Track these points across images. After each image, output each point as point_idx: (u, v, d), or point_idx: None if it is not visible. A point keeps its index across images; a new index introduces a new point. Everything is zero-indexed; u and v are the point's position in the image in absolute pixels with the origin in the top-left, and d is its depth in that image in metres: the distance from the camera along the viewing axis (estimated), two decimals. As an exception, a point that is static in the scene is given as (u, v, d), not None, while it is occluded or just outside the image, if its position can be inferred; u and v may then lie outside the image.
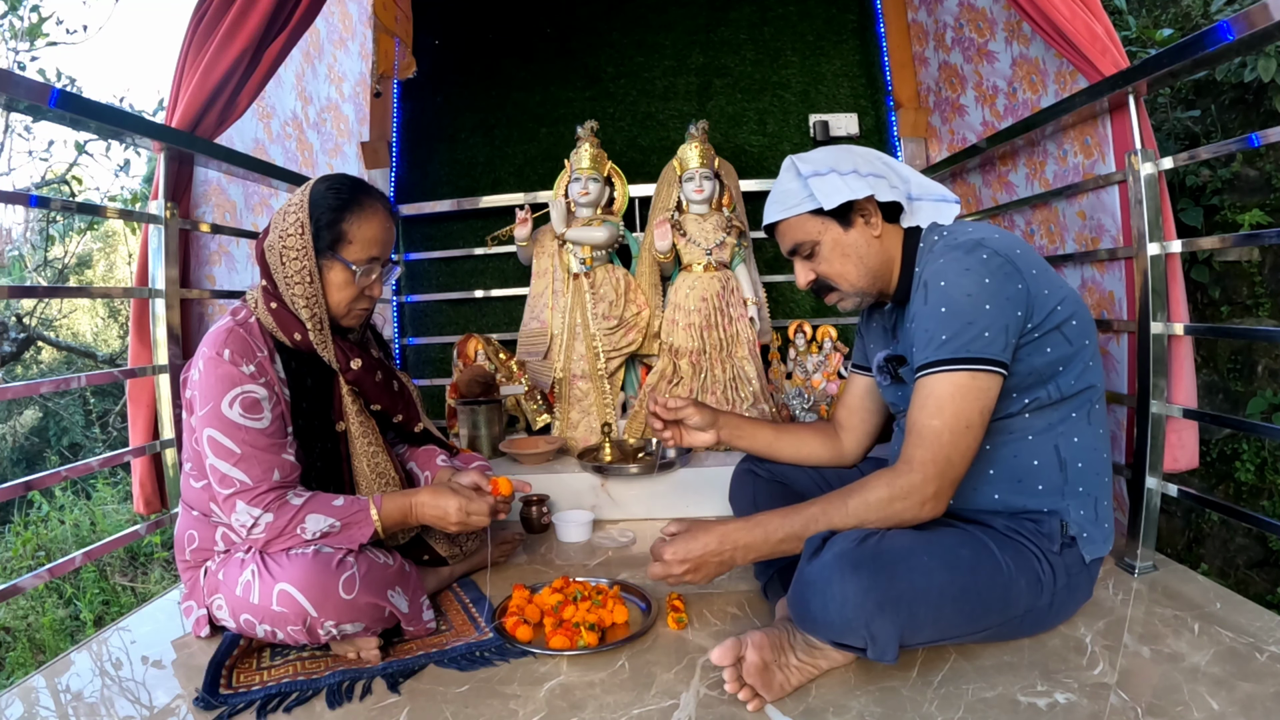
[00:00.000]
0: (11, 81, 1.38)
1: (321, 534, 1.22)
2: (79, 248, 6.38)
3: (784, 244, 1.32)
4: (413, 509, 1.29)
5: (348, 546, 1.23)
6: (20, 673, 3.10)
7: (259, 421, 1.22)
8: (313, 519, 1.21)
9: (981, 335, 1.10)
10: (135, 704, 1.16)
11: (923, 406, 1.12)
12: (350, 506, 1.25)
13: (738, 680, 1.07)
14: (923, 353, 1.14)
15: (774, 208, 1.30)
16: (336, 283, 1.31)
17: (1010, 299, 1.12)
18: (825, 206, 1.23)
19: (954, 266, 1.14)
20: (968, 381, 1.10)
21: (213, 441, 1.21)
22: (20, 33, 4.49)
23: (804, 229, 1.27)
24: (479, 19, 3.00)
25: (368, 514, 1.25)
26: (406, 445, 1.61)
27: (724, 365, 2.35)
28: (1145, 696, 1.04)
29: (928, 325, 1.14)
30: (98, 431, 5.68)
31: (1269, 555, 2.65)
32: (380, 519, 1.25)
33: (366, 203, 1.31)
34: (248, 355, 1.25)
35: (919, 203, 1.28)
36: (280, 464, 1.24)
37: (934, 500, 1.11)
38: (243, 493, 1.20)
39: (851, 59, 2.85)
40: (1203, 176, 2.80)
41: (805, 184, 1.25)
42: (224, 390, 1.21)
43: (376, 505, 1.26)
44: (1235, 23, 1.19)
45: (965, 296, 1.11)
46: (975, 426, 1.11)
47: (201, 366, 1.23)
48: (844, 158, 1.27)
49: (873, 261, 1.27)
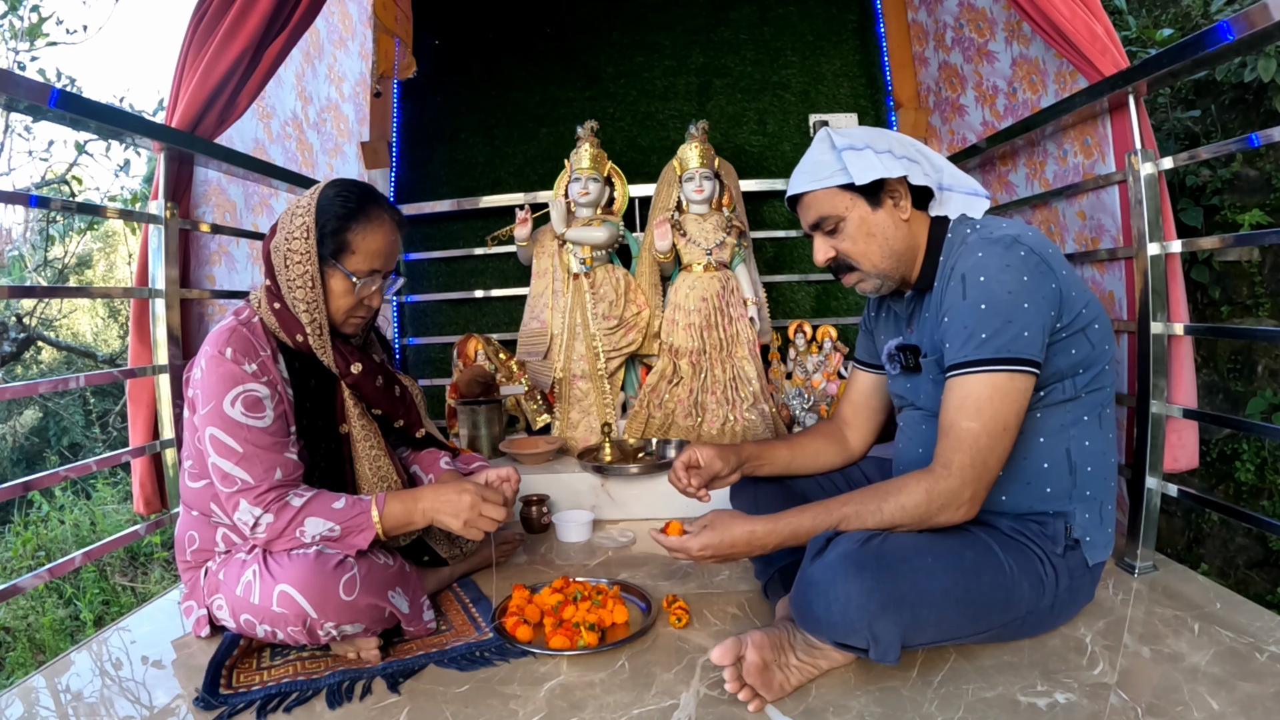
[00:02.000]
0: (11, 81, 1.38)
1: (321, 537, 1.21)
2: (79, 248, 6.38)
3: (807, 217, 1.28)
4: (418, 510, 1.26)
5: (347, 553, 1.23)
6: (20, 673, 3.10)
7: (261, 420, 1.22)
8: (312, 522, 1.21)
9: (1021, 335, 1.09)
10: (135, 704, 1.16)
11: (960, 408, 1.11)
12: (351, 509, 1.23)
13: (737, 680, 1.06)
14: (960, 350, 1.12)
15: (802, 178, 1.26)
16: (337, 290, 1.30)
17: (1046, 298, 1.11)
18: (857, 181, 1.20)
19: (994, 262, 1.12)
20: (1005, 383, 1.09)
21: (215, 440, 1.21)
22: (20, 33, 4.49)
23: (831, 202, 1.24)
24: (479, 19, 3.00)
25: (369, 517, 1.23)
26: (409, 449, 1.61)
27: (724, 365, 2.35)
28: (1145, 696, 1.04)
29: (966, 321, 1.12)
30: (98, 431, 5.68)
31: (1269, 555, 2.65)
32: (381, 522, 1.23)
33: (374, 213, 1.30)
34: (250, 354, 1.24)
35: (949, 193, 1.27)
36: (283, 463, 1.23)
37: (970, 504, 1.11)
38: (244, 491, 1.20)
39: (851, 59, 2.85)
40: (1203, 176, 2.80)
41: (839, 156, 1.22)
42: (226, 389, 1.21)
43: (379, 506, 1.24)
44: (1235, 23, 1.19)
45: (1006, 294, 1.10)
46: (1012, 429, 1.10)
47: (204, 365, 1.23)
48: (880, 137, 1.25)
49: (897, 244, 1.24)
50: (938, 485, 1.10)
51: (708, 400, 2.35)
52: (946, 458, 1.11)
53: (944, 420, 1.13)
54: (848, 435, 1.50)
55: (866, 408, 1.49)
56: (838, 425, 1.51)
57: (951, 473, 1.10)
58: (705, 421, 2.33)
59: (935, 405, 1.20)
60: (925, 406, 1.29)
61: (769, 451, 1.43)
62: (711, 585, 1.54)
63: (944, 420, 1.13)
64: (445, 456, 1.57)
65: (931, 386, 1.25)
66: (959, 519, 1.11)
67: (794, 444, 1.47)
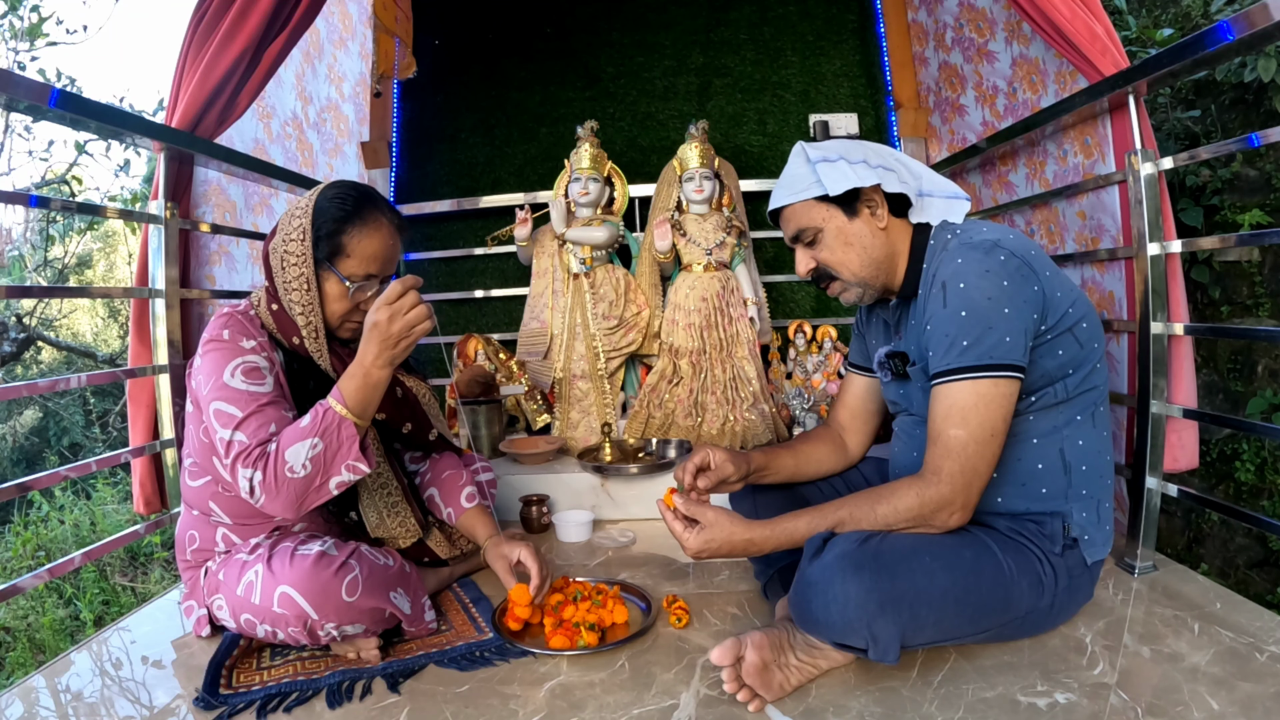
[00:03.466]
0: (11, 81, 1.37)
1: (310, 461, 1.14)
2: (79, 248, 6.38)
3: (787, 230, 1.30)
4: (362, 373, 1.16)
5: (350, 462, 1.16)
6: (20, 673, 3.10)
7: (261, 385, 1.21)
8: (292, 452, 1.13)
9: (1003, 341, 1.10)
10: (135, 704, 1.16)
11: (946, 416, 1.11)
12: (316, 417, 1.16)
13: (735, 680, 1.06)
14: (943, 358, 1.13)
15: (780, 192, 1.29)
16: (332, 294, 1.29)
17: (1028, 301, 1.11)
18: (830, 192, 1.22)
19: (973, 268, 1.13)
20: (990, 389, 1.10)
21: (219, 413, 1.17)
22: (20, 33, 4.49)
23: (808, 215, 1.26)
24: (479, 19, 3.00)
25: (334, 413, 1.15)
26: (423, 455, 1.59)
27: (724, 365, 2.35)
28: (1145, 696, 1.04)
29: (947, 329, 1.13)
30: (98, 431, 5.68)
31: (1269, 555, 2.65)
32: (346, 406, 1.16)
33: (370, 216, 1.28)
34: (249, 335, 1.25)
35: (929, 199, 1.28)
36: (279, 419, 1.19)
37: (962, 510, 1.11)
38: (241, 455, 1.14)
39: (851, 59, 2.85)
40: (1203, 176, 2.80)
41: (813, 169, 1.24)
42: (225, 362, 1.21)
43: (336, 398, 1.16)
44: (1235, 23, 1.19)
45: (986, 300, 1.10)
46: (999, 434, 1.11)
47: (202, 351, 1.24)
48: (855, 148, 1.27)
49: (876, 253, 1.26)
50: (928, 491, 1.11)
51: (708, 400, 2.35)
52: (936, 465, 1.11)
53: (932, 428, 1.14)
54: (846, 439, 1.51)
55: (862, 411, 1.50)
56: (835, 430, 1.52)
57: (941, 479, 1.10)
58: (705, 421, 2.33)
59: (926, 411, 1.21)
60: (918, 412, 1.30)
61: (775, 461, 1.43)
62: (711, 585, 1.54)
63: (932, 428, 1.14)
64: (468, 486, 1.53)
65: (921, 394, 1.25)
66: (953, 524, 1.12)
67: (798, 451, 1.47)
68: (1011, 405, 1.12)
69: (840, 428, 1.51)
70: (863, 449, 1.52)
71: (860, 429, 1.50)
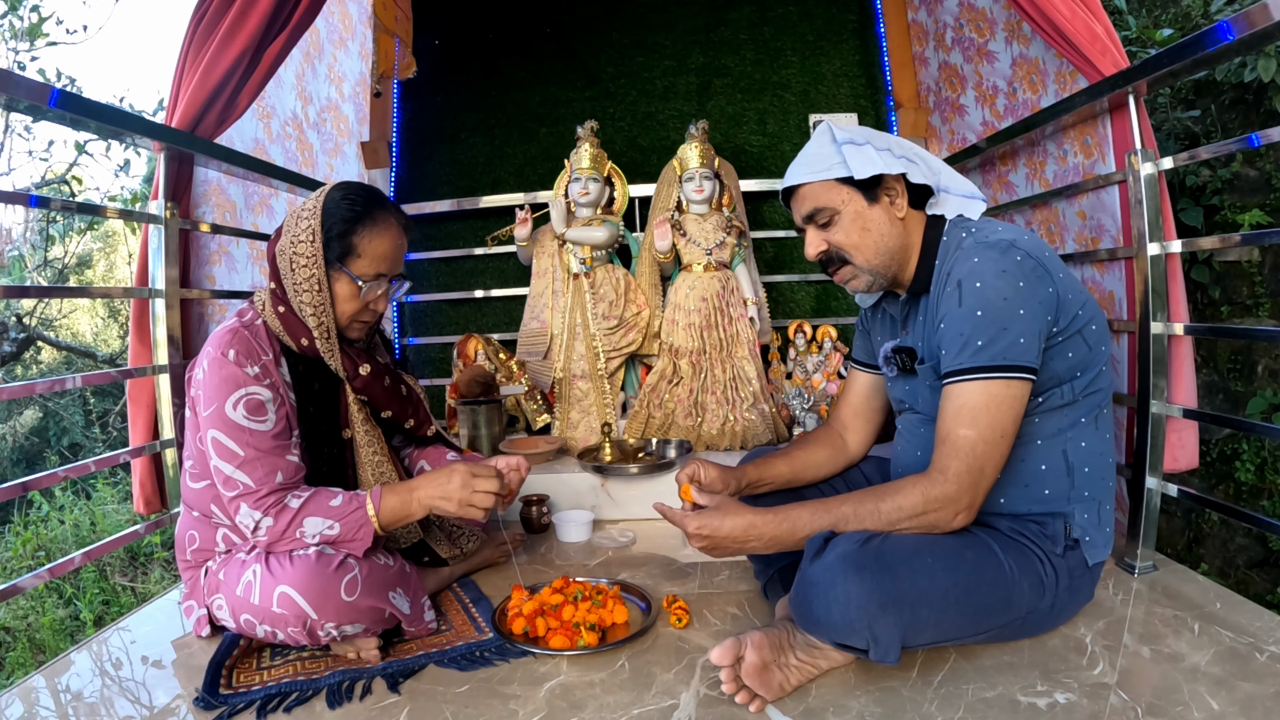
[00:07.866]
0: (11, 81, 1.37)
1: (321, 536, 1.21)
2: (79, 248, 6.38)
3: (801, 209, 1.27)
4: (414, 500, 1.25)
5: (350, 550, 1.22)
6: (20, 673, 3.10)
7: (263, 424, 1.22)
8: (311, 522, 1.20)
9: (1017, 342, 1.09)
10: (135, 704, 1.16)
11: (957, 415, 1.11)
12: (348, 506, 1.23)
13: (734, 681, 1.07)
14: (956, 357, 1.12)
15: (800, 170, 1.26)
16: (343, 295, 1.30)
17: (1042, 303, 1.11)
18: (856, 175, 1.20)
19: (990, 267, 1.12)
20: (1001, 390, 1.09)
21: (217, 443, 1.21)
22: (20, 33, 4.49)
23: (828, 195, 1.24)
24: (479, 19, 3.00)
25: (365, 514, 1.23)
26: (415, 448, 1.60)
27: (724, 365, 2.35)
28: (1145, 696, 1.04)
29: (962, 328, 1.12)
30: (98, 431, 5.67)
31: (1269, 555, 2.65)
32: (378, 517, 1.23)
33: (380, 217, 1.30)
34: (253, 357, 1.24)
35: (946, 194, 1.27)
36: (284, 466, 1.23)
37: (967, 510, 1.11)
38: (245, 495, 1.20)
39: (851, 59, 2.85)
40: (1203, 176, 2.80)
41: (839, 150, 1.23)
42: (228, 392, 1.21)
43: (374, 502, 1.24)
44: (1235, 23, 1.19)
45: (1002, 300, 1.10)
46: (1009, 435, 1.11)
47: (206, 366, 1.23)
48: (880, 136, 1.26)
49: (891, 242, 1.24)
50: (933, 490, 1.10)
51: (708, 400, 2.35)
52: (943, 464, 1.11)
53: (941, 427, 1.13)
54: (846, 438, 1.50)
55: (865, 409, 1.49)
56: (836, 430, 1.51)
57: (948, 479, 1.10)
58: (705, 421, 2.33)
59: (933, 410, 1.20)
60: (923, 411, 1.29)
61: (769, 472, 1.42)
62: (711, 585, 1.54)
63: (941, 427, 1.13)
64: (452, 454, 1.57)
65: (928, 392, 1.25)
66: (957, 524, 1.11)
67: (793, 458, 1.45)
68: (1022, 407, 1.11)
69: (842, 426, 1.51)
70: (864, 448, 1.51)
71: (862, 427, 1.50)
